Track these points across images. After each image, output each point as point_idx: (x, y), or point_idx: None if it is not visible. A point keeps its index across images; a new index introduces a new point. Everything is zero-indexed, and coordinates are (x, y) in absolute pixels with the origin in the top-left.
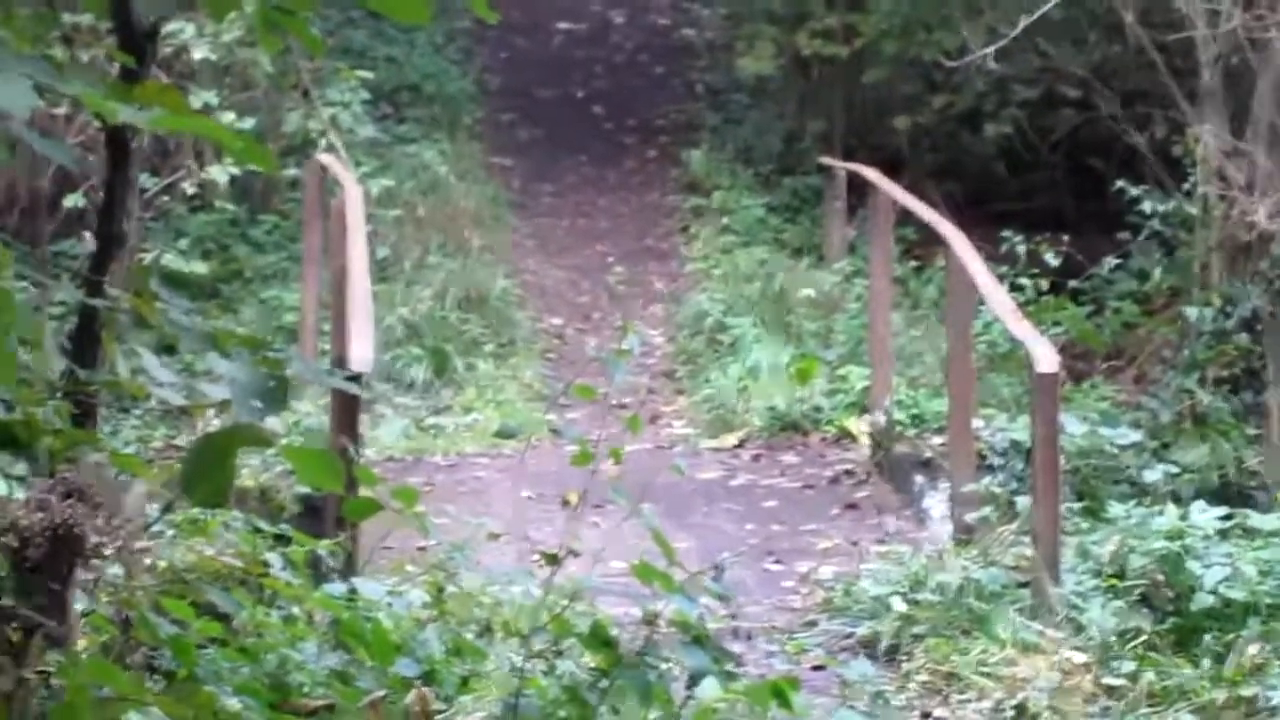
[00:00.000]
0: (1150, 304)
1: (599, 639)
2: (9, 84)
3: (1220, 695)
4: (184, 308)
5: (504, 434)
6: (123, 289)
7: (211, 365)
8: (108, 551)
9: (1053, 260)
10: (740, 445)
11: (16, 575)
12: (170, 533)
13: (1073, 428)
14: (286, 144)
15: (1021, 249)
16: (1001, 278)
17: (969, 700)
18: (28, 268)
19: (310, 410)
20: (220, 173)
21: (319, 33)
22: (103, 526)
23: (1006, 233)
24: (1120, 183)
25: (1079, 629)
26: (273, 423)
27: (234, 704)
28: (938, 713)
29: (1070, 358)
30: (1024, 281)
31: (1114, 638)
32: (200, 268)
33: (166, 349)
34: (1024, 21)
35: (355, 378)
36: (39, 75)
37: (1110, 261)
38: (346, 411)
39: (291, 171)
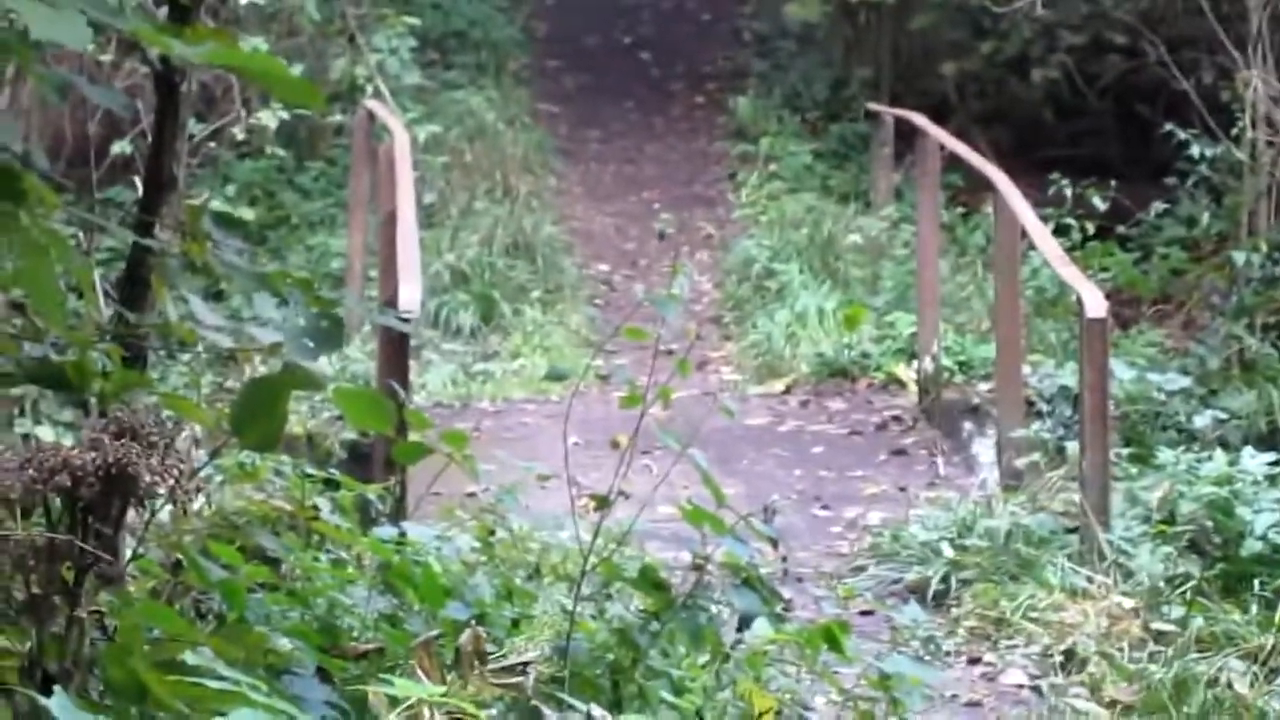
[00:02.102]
0: (1198, 250)
1: (649, 582)
2: (66, 19)
3: (1269, 641)
4: (236, 248)
5: (553, 376)
6: (172, 233)
7: (261, 308)
8: (160, 491)
9: (1100, 204)
10: (788, 391)
11: (69, 515)
12: (219, 477)
13: (1121, 373)
14: (333, 90)
15: (1069, 192)
16: (1046, 219)
17: (1017, 645)
18: (76, 212)
19: (358, 356)
20: (269, 117)
21: None
22: (156, 467)
23: (1053, 177)
24: (1168, 126)
25: (1127, 575)
26: (322, 367)
27: (285, 643)
28: (986, 657)
29: (1118, 304)
30: (1070, 222)
31: (1163, 583)
32: (247, 214)
33: (214, 296)
34: None
35: (404, 320)
36: (94, 12)
37: (1158, 207)
38: (395, 357)
39: (338, 118)
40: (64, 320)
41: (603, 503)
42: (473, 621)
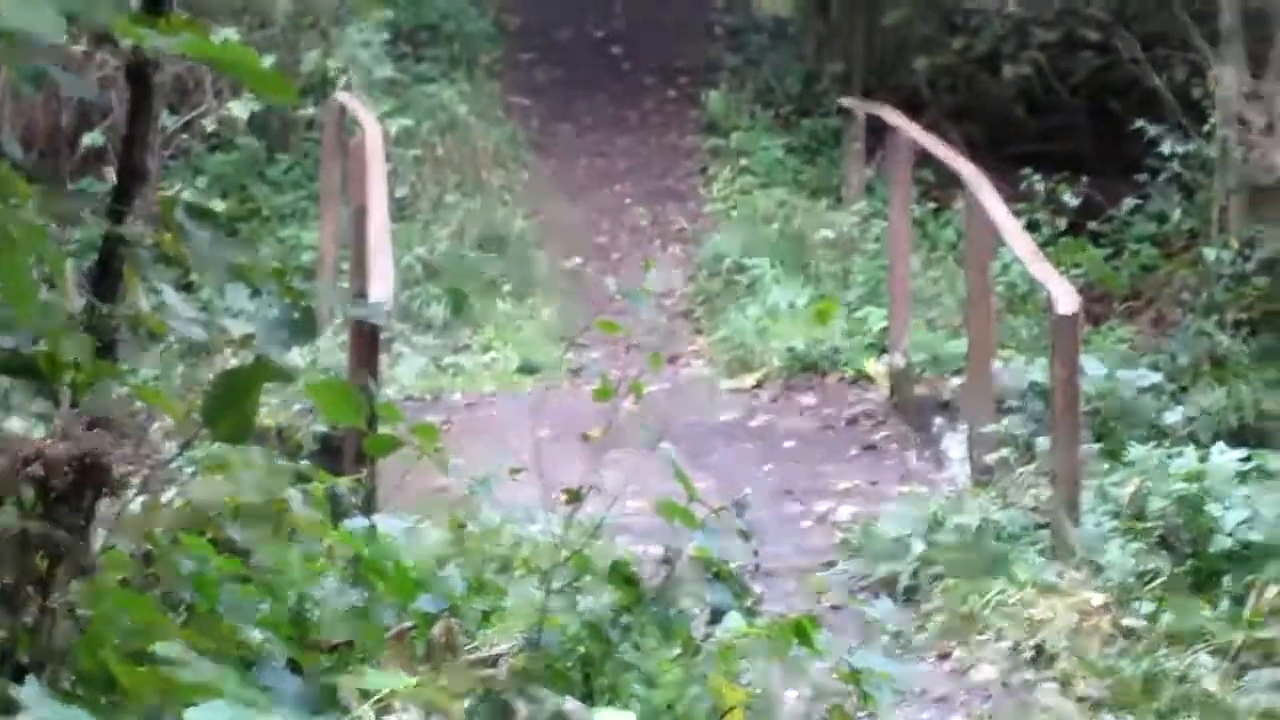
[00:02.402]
0: (1169, 247)
1: (620, 575)
2: (39, 10)
3: (1239, 637)
4: (208, 239)
5: (526, 370)
6: (144, 224)
7: (233, 299)
8: (132, 482)
9: (1071, 200)
10: (759, 386)
11: (42, 505)
12: (190, 469)
13: (1092, 370)
14: (305, 83)
15: (1040, 188)
16: (1018, 215)
17: (987, 641)
18: (48, 203)
19: (329, 348)
20: (240, 108)
21: None
22: (129, 457)
23: (1025, 172)
24: (1140, 122)
25: (1098, 570)
26: (292, 359)
27: (256, 637)
28: (957, 653)
29: (1089, 300)
30: (1041, 218)
31: (1133, 579)
32: (219, 206)
33: (184, 287)
34: None
35: (375, 313)
36: (68, 3)
37: (1129, 203)
38: (366, 350)
39: (309, 111)
40: (35, 311)
41: (574, 496)
42: (445, 614)
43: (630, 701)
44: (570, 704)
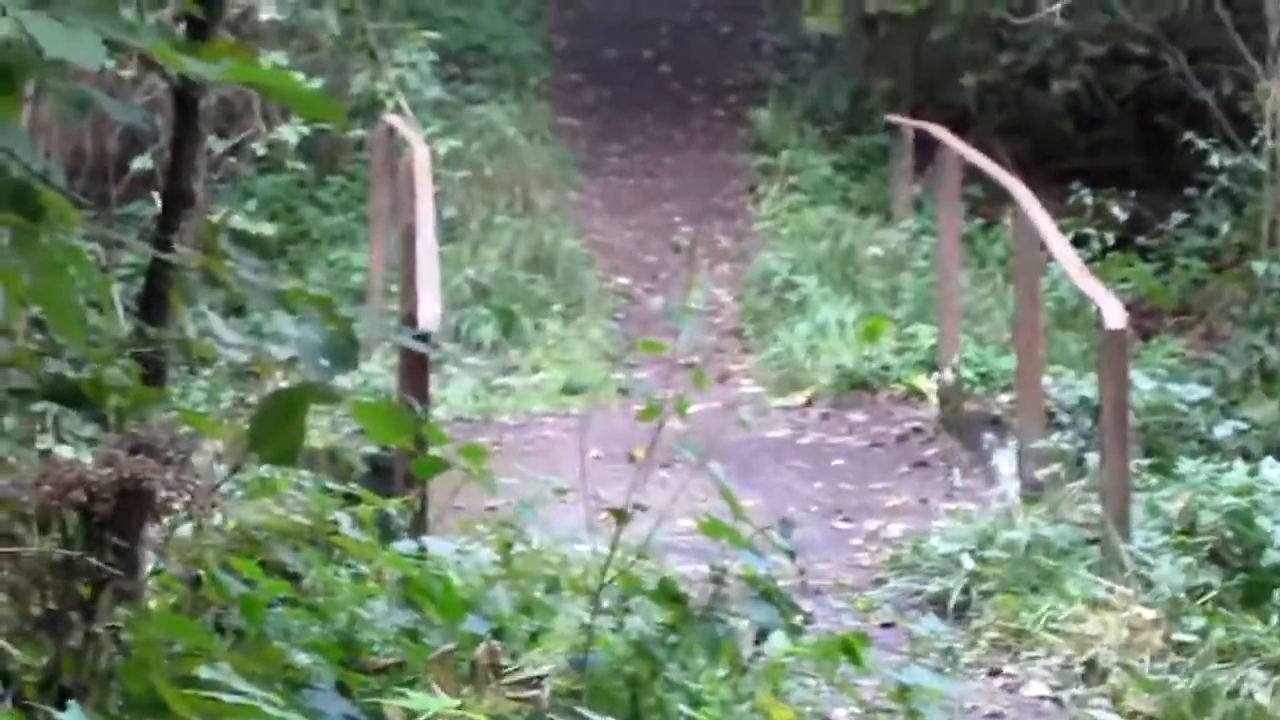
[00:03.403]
0: (1218, 261)
1: (667, 595)
2: (79, 38)
3: None
4: (253, 266)
5: (570, 390)
6: (191, 249)
7: (279, 324)
8: (176, 507)
9: (1120, 215)
10: (808, 404)
11: (85, 531)
12: (239, 492)
13: (1141, 384)
14: (354, 105)
15: (1089, 203)
16: (1066, 230)
17: (1038, 657)
18: (95, 228)
19: (379, 371)
20: (289, 133)
21: None
22: (172, 482)
23: (1073, 187)
24: (1188, 136)
25: (1148, 585)
26: (341, 382)
27: (303, 661)
28: (1007, 669)
29: (1138, 315)
30: (1089, 232)
31: (1183, 594)
32: (268, 229)
33: (235, 310)
34: None
35: (423, 337)
36: (109, 30)
37: (1178, 218)
38: (415, 371)
39: (358, 133)
40: (82, 337)
41: (620, 516)
42: (489, 635)
43: None
44: None
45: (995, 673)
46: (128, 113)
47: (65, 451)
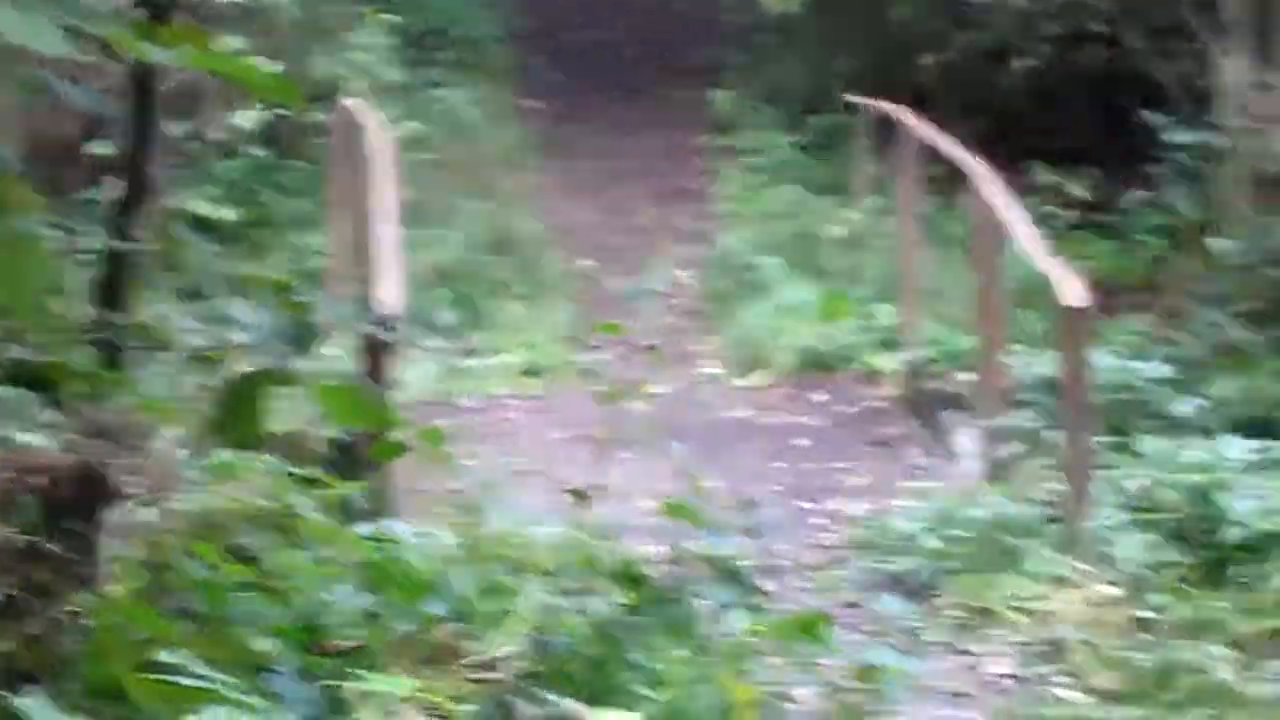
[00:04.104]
0: (1178, 238)
1: (628, 575)
2: (36, 25)
3: (1252, 627)
4: (210, 252)
5: (532, 372)
6: (150, 235)
7: (239, 308)
8: (135, 491)
9: (1080, 192)
10: (770, 384)
11: (45, 515)
12: (201, 477)
13: (1102, 362)
14: (313, 89)
15: (1049, 181)
16: (1026, 208)
17: (1001, 635)
18: (54, 214)
19: (339, 354)
20: (248, 117)
21: None
22: (130, 466)
23: (1033, 165)
24: (1146, 114)
25: (1110, 563)
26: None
27: (265, 645)
28: (970, 648)
29: (1098, 293)
30: (1049, 210)
31: (1146, 571)
32: (229, 214)
33: (194, 295)
34: None
35: (386, 321)
36: (67, 16)
37: (1138, 195)
38: (375, 355)
39: (318, 116)
40: (41, 322)
41: (581, 497)
42: (450, 617)
43: (639, 702)
44: (571, 706)
45: (958, 651)
46: (86, 98)
47: (25, 438)
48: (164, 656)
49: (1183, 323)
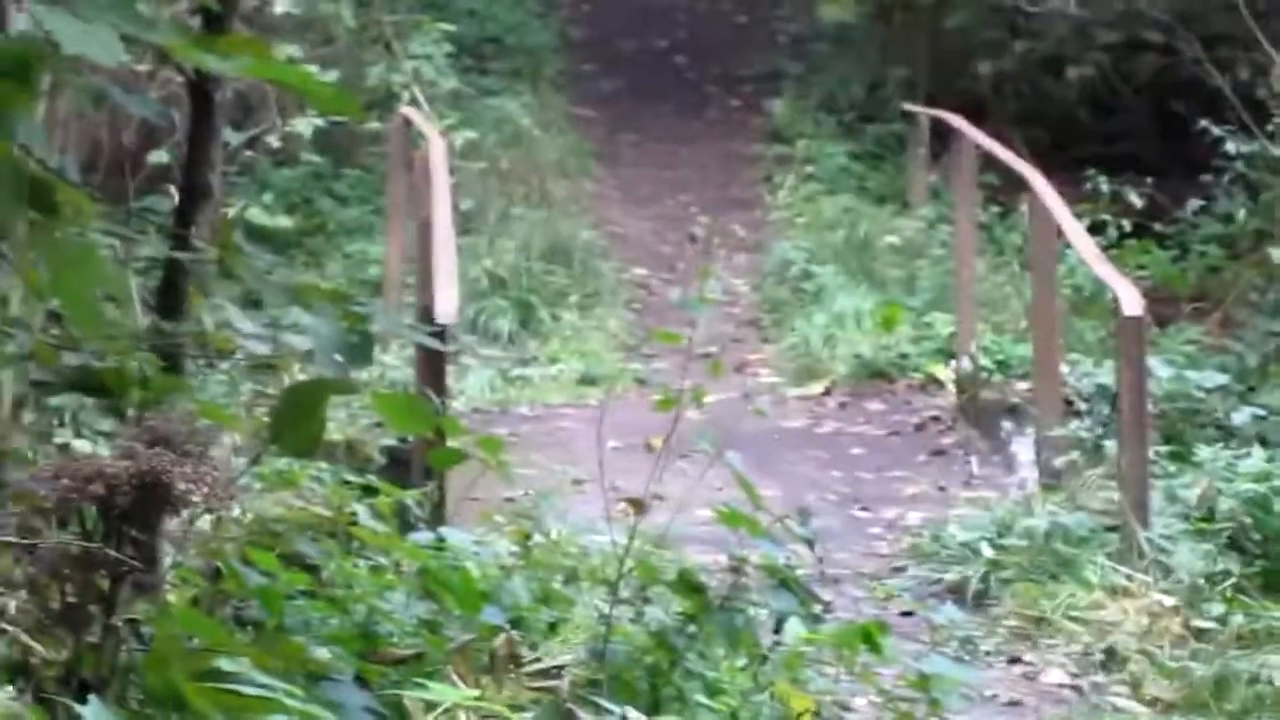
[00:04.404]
0: (1235, 247)
1: (686, 584)
2: (96, 33)
3: None
4: (267, 261)
5: (586, 381)
6: (208, 242)
7: (296, 316)
8: (195, 499)
9: (1136, 202)
10: (826, 393)
11: (104, 523)
12: (258, 485)
13: (1159, 371)
14: (369, 97)
15: (1105, 190)
16: (1082, 217)
17: (1057, 644)
18: (112, 222)
19: (396, 363)
20: (305, 125)
21: None
22: (190, 475)
23: (1089, 174)
24: (1203, 123)
25: (1167, 572)
26: (359, 374)
27: (323, 654)
28: (1026, 657)
29: (1155, 302)
30: (1106, 219)
31: (1202, 581)
32: (285, 221)
33: (253, 303)
34: None
35: (440, 330)
36: (126, 25)
37: (1194, 204)
38: (432, 363)
39: (374, 125)
40: (101, 330)
41: (638, 506)
42: (508, 625)
43: (697, 710)
44: (633, 714)
45: (1014, 660)
46: (143, 106)
47: (83, 445)
48: (223, 665)
49: (1240, 332)
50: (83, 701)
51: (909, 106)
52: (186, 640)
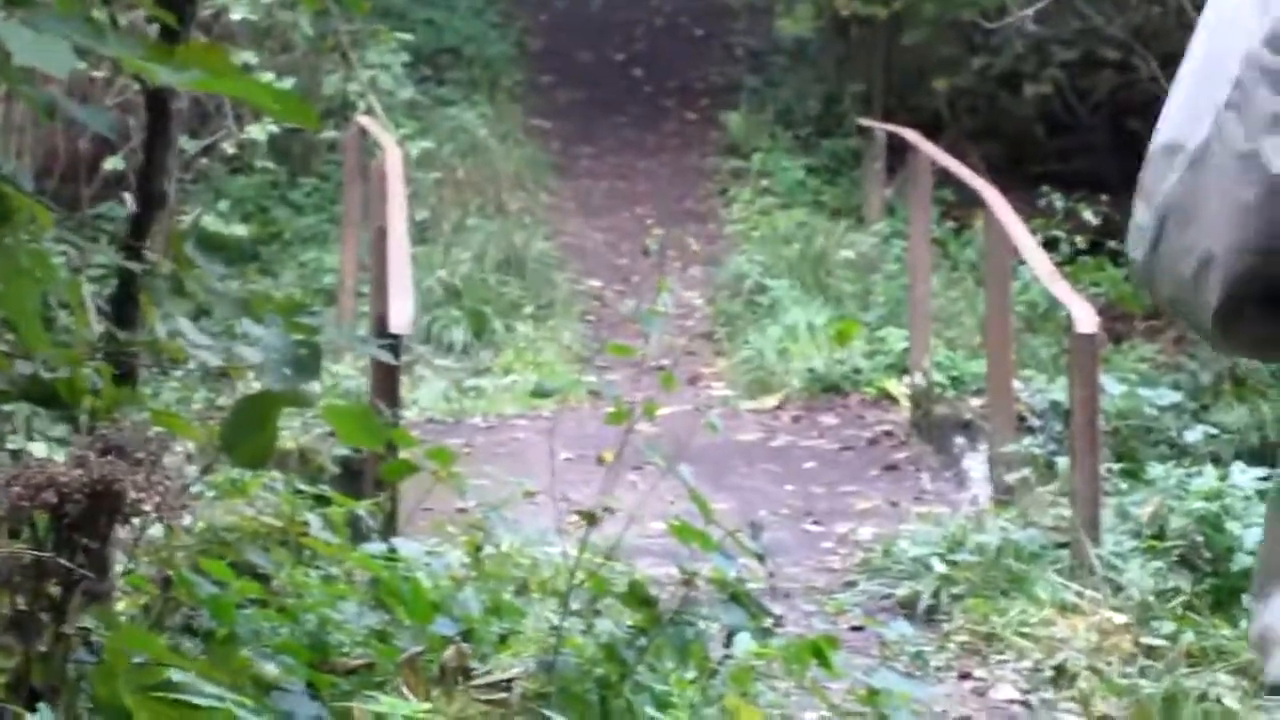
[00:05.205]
0: None
1: (637, 597)
2: (49, 46)
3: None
4: (218, 273)
5: (540, 393)
6: (162, 252)
7: (248, 327)
8: (147, 508)
9: (1092, 219)
10: (779, 407)
11: (56, 532)
12: (210, 493)
13: (1112, 389)
14: (326, 106)
15: (1060, 207)
16: (1037, 234)
17: (1008, 660)
18: (67, 230)
19: (350, 372)
20: (259, 132)
21: None
22: (142, 483)
23: (1044, 190)
24: None
25: (1118, 590)
26: (312, 384)
27: (272, 668)
28: (977, 673)
29: (1109, 319)
30: (1060, 236)
31: (1153, 598)
32: (240, 230)
33: (205, 312)
34: None
35: (394, 340)
36: (79, 36)
37: None
38: (386, 374)
39: (331, 134)
40: (44, 342)
41: (589, 518)
42: (458, 637)
43: None
44: None
45: (965, 676)
46: (95, 119)
47: (38, 448)
48: (172, 674)
49: (1193, 350)
50: (32, 710)
51: (865, 121)
52: (136, 652)
